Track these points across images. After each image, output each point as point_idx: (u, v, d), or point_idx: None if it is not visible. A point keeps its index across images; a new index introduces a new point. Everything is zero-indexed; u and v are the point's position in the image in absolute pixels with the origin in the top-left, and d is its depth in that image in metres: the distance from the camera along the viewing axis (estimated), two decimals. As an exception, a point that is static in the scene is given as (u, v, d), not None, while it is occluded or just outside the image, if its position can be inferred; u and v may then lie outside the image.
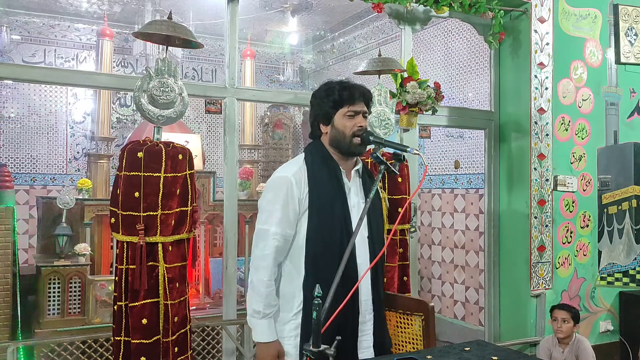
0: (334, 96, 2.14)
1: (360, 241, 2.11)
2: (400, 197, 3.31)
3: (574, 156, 4.26)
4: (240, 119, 6.07)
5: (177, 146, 2.64)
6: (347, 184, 2.17)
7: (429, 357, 1.91)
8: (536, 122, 4.09)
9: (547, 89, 4.13)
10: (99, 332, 3.77)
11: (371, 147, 2.37)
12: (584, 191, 4.31)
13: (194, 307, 4.27)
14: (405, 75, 3.58)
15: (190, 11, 5.82)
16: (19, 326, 3.91)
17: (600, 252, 4.38)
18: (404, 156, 2.13)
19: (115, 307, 2.56)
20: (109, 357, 3.61)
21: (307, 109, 2.78)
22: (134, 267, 2.50)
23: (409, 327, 2.52)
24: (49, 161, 6.50)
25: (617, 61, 4.44)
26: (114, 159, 5.53)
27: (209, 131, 7.30)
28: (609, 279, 4.41)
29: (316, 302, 1.47)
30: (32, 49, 6.41)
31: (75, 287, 4.10)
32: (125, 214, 2.50)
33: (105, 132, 5.41)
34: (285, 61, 7.37)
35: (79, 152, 6.63)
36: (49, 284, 4.03)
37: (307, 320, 2.02)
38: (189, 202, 2.64)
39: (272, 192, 2.12)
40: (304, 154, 2.21)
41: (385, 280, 2.85)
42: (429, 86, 3.58)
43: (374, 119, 3.27)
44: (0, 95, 6.27)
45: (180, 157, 2.60)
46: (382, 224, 2.32)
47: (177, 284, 2.61)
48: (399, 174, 3.27)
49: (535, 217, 4.06)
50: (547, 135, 4.13)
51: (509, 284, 4.24)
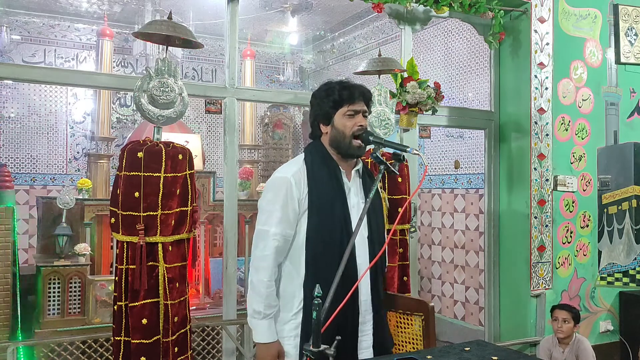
0: (334, 96, 2.14)
1: (360, 241, 2.11)
2: (400, 197, 3.31)
3: (574, 156, 4.26)
4: (240, 119, 6.07)
5: (177, 146, 2.64)
6: (347, 184, 2.16)
7: (429, 357, 1.91)
8: (536, 122, 4.09)
9: (547, 89, 4.13)
10: (99, 332, 3.77)
11: (371, 147, 2.37)
12: (584, 191, 4.31)
13: (194, 307, 4.27)
14: (405, 75, 3.57)
15: (190, 11, 5.82)
16: (19, 326, 3.91)
17: (600, 252, 4.38)
18: (404, 156, 2.13)
19: (115, 307, 2.56)
20: (109, 357, 3.61)
21: (307, 109, 2.77)
22: (134, 267, 2.50)
23: (409, 327, 2.52)
24: (49, 161, 6.50)
25: (617, 61, 4.44)
26: (114, 159, 5.53)
27: (209, 131, 7.30)
28: (609, 279, 4.41)
29: (316, 302, 1.47)
30: (32, 49, 6.41)
31: (75, 287, 4.10)
32: (125, 214, 2.50)
33: (105, 132, 5.41)
34: (285, 61, 7.37)
35: (79, 152, 6.63)
36: (49, 284, 4.03)
37: (307, 320, 2.02)
38: (189, 202, 2.64)
39: (271, 192, 2.12)
40: (304, 154, 2.21)
41: (385, 280, 2.85)
42: (429, 86, 3.58)
43: (374, 119, 3.26)
44: (0, 95, 6.27)
45: (180, 157, 2.60)
46: (383, 224, 2.31)
47: (177, 284, 2.61)
48: (399, 174, 3.27)
49: (535, 217, 4.06)
50: (547, 135, 4.13)
51: (509, 284, 4.24)
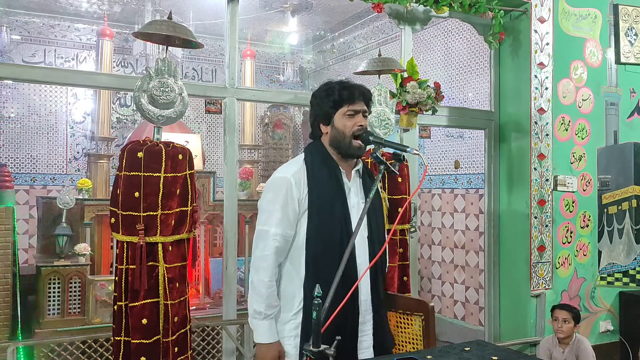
0: (334, 96, 2.14)
1: (360, 241, 2.11)
2: (400, 197, 3.31)
3: (574, 156, 4.26)
4: (240, 119, 6.07)
5: (177, 146, 2.64)
6: (347, 184, 2.16)
7: (429, 357, 1.91)
8: (536, 122, 4.09)
9: (547, 89, 4.13)
10: (99, 332, 3.77)
11: (371, 147, 2.37)
12: (584, 191, 4.31)
13: (194, 307, 4.27)
14: (405, 75, 3.57)
15: (190, 11, 5.82)
16: (19, 326, 3.91)
17: (600, 252, 4.38)
18: (404, 156, 2.13)
19: (115, 307, 2.56)
20: (109, 357, 3.61)
21: (307, 109, 2.77)
22: (134, 267, 2.50)
23: (409, 327, 2.52)
24: (49, 161, 6.50)
25: (617, 61, 4.44)
26: (114, 159, 5.53)
27: (209, 131, 7.30)
28: (609, 279, 4.41)
29: (316, 302, 1.47)
30: (32, 49, 6.41)
31: (75, 287, 4.10)
32: (125, 214, 2.50)
33: (105, 132, 5.41)
34: (285, 61, 7.37)
35: (79, 152, 6.63)
36: (49, 284, 4.03)
37: (307, 320, 2.02)
38: (189, 202, 2.64)
39: (271, 192, 2.12)
40: (304, 154, 2.21)
41: (385, 280, 2.85)
42: (429, 86, 3.58)
43: (374, 119, 3.26)
44: (0, 95, 6.27)
45: (180, 157, 2.60)
46: (383, 224, 2.31)
47: (177, 284, 2.61)
48: (399, 174, 3.27)
49: (535, 217, 4.06)
50: (547, 135, 4.13)
51: (509, 284, 4.24)
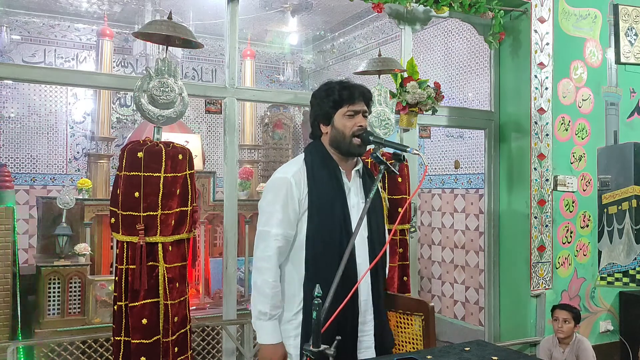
0: (334, 96, 2.14)
1: (360, 241, 2.11)
2: (400, 197, 3.31)
3: (574, 156, 4.26)
4: (240, 119, 6.07)
5: (177, 146, 2.64)
6: (347, 184, 2.16)
7: (429, 357, 1.91)
8: (536, 122, 4.09)
9: (547, 89, 4.13)
10: (99, 332, 3.76)
11: (371, 147, 2.37)
12: (584, 191, 4.31)
13: (194, 307, 4.27)
14: (405, 75, 3.57)
15: (190, 11, 5.81)
16: (19, 326, 3.91)
17: (600, 252, 4.38)
18: (404, 156, 2.13)
19: (115, 307, 2.56)
20: (109, 357, 3.61)
21: (307, 109, 2.77)
22: (134, 267, 2.50)
23: (409, 327, 2.52)
24: (49, 161, 6.50)
25: (617, 61, 4.44)
26: (114, 159, 5.53)
27: (209, 131, 7.29)
28: (609, 279, 4.41)
29: (316, 302, 1.47)
30: (32, 49, 6.41)
31: (75, 287, 4.10)
32: (125, 214, 2.50)
33: (105, 132, 5.41)
34: (285, 61, 7.37)
35: (79, 152, 6.63)
36: (49, 284, 4.03)
37: (307, 320, 2.01)
38: (189, 202, 2.64)
39: (272, 193, 2.12)
40: (304, 154, 2.21)
41: (385, 280, 2.85)
42: (429, 86, 3.58)
43: (374, 119, 3.26)
44: (0, 95, 6.27)
45: (180, 157, 2.60)
46: (383, 224, 2.31)
47: (177, 284, 2.61)
48: (399, 174, 3.27)
49: (535, 217, 4.06)
50: (547, 135, 4.13)
51: (509, 284, 4.24)
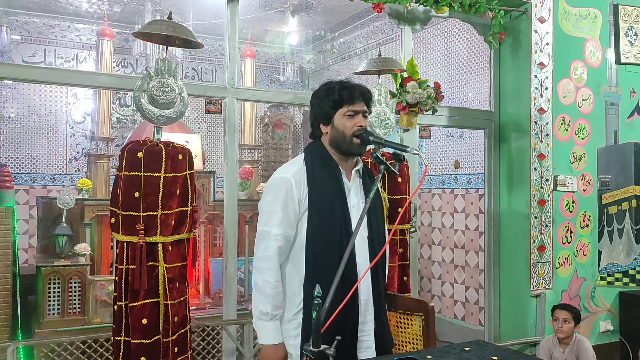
0: (334, 96, 2.14)
1: (360, 241, 2.11)
2: (400, 197, 3.31)
3: (574, 156, 4.26)
4: (240, 119, 6.07)
5: (177, 146, 2.64)
6: (347, 184, 2.16)
7: (429, 357, 1.91)
8: (536, 122, 4.09)
9: (547, 89, 4.13)
10: (99, 332, 3.76)
11: (371, 147, 2.37)
12: (584, 191, 4.31)
13: (194, 307, 4.27)
14: (405, 75, 3.57)
15: (190, 11, 5.81)
16: (19, 326, 3.91)
17: (600, 252, 4.38)
18: (404, 156, 2.13)
19: (115, 307, 2.56)
20: (109, 357, 3.61)
21: (307, 109, 2.77)
22: (134, 267, 2.50)
23: (409, 327, 2.52)
24: (49, 161, 6.50)
25: (617, 61, 4.44)
26: (114, 159, 5.53)
27: (209, 131, 7.29)
28: (609, 279, 4.41)
29: (316, 302, 1.47)
30: (32, 49, 6.41)
31: (75, 287, 4.10)
32: (125, 214, 2.50)
33: (105, 132, 5.41)
34: (285, 61, 7.37)
35: (79, 152, 6.63)
36: (49, 284, 4.03)
37: (307, 320, 2.01)
38: (189, 202, 2.64)
39: (272, 193, 2.12)
40: (304, 154, 2.21)
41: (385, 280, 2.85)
42: (429, 86, 3.58)
43: (374, 119, 3.26)
44: (0, 95, 6.27)
45: (180, 157, 2.60)
46: (383, 224, 2.31)
47: (177, 284, 2.61)
48: (399, 174, 3.27)
49: (535, 217, 4.06)
50: (547, 135, 4.13)
51: (509, 284, 4.24)
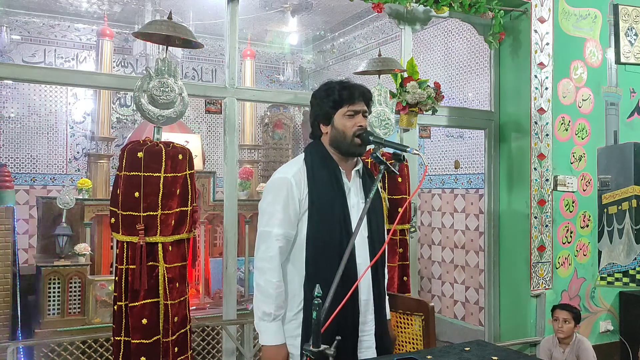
0: (334, 96, 2.14)
1: (360, 241, 2.11)
2: (400, 197, 3.31)
3: (574, 156, 4.26)
4: (240, 119, 6.07)
5: (177, 146, 2.64)
6: (347, 184, 2.16)
7: (429, 357, 1.91)
8: (536, 122, 4.09)
9: (547, 89, 4.13)
10: (99, 332, 3.77)
11: (371, 147, 2.37)
12: (584, 191, 4.31)
13: (194, 307, 4.27)
14: (405, 75, 3.57)
15: (190, 11, 5.82)
16: (19, 326, 3.92)
17: (600, 252, 4.38)
18: (404, 156, 2.12)
19: (115, 307, 2.56)
20: (109, 357, 3.61)
21: (307, 109, 2.77)
22: (134, 267, 2.50)
23: (409, 327, 2.52)
24: (49, 161, 6.50)
25: (617, 61, 4.44)
26: (114, 159, 5.53)
27: (209, 131, 7.30)
28: (609, 279, 4.41)
29: (316, 302, 1.47)
30: (32, 49, 6.41)
31: (75, 287, 4.10)
32: (125, 214, 2.50)
33: (105, 132, 5.41)
34: (285, 61, 7.37)
35: (79, 152, 6.63)
36: (49, 284, 4.03)
37: (308, 320, 2.01)
38: (189, 202, 2.64)
39: (272, 193, 2.12)
40: (304, 154, 2.21)
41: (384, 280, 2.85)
42: (429, 86, 3.58)
43: (374, 119, 3.26)
44: (0, 95, 6.27)
45: (180, 157, 2.60)
46: (383, 224, 2.31)
47: (177, 284, 2.61)
48: (399, 174, 3.27)
49: (535, 217, 4.06)
50: (547, 135, 4.13)
51: (509, 284, 4.24)
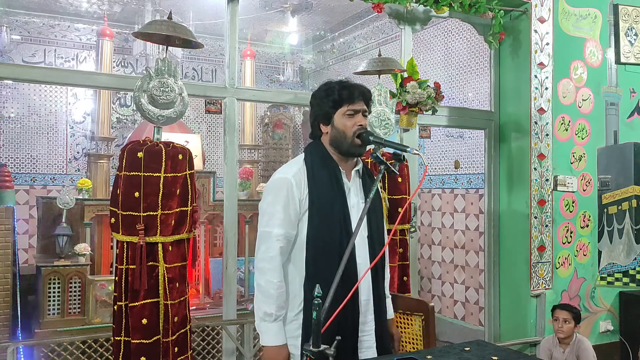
0: (334, 96, 2.14)
1: (360, 241, 2.10)
2: (400, 197, 3.31)
3: (574, 156, 4.26)
4: (240, 119, 6.07)
5: (177, 146, 2.64)
6: (346, 184, 2.16)
7: (429, 357, 1.91)
8: (536, 122, 4.09)
9: (547, 89, 4.13)
10: (99, 332, 3.77)
11: (371, 147, 2.37)
12: (584, 191, 4.31)
13: (194, 307, 4.27)
14: (405, 75, 3.57)
15: (190, 11, 5.82)
16: (19, 326, 3.92)
17: (600, 252, 4.38)
18: (404, 156, 2.12)
19: (115, 307, 2.56)
20: (109, 357, 3.61)
21: (307, 109, 2.77)
22: (134, 267, 2.50)
23: (409, 327, 2.53)
24: (49, 161, 6.51)
25: (617, 61, 4.44)
26: (114, 159, 5.53)
27: (209, 131, 7.30)
28: (609, 279, 4.41)
29: (316, 302, 1.47)
30: (32, 49, 6.41)
31: (75, 287, 4.11)
32: (125, 214, 2.50)
33: (105, 132, 5.41)
34: (285, 61, 7.37)
35: (79, 152, 6.63)
36: (49, 284, 4.03)
37: (308, 320, 2.01)
38: (189, 202, 2.64)
39: (272, 194, 2.12)
40: (304, 154, 2.21)
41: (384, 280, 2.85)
42: (429, 86, 3.58)
43: (374, 119, 3.26)
44: (0, 95, 6.27)
45: (180, 157, 2.60)
46: (383, 224, 2.31)
47: (177, 284, 2.61)
48: (399, 174, 3.27)
49: (535, 217, 4.06)
50: (547, 135, 4.13)
51: (509, 284, 4.24)
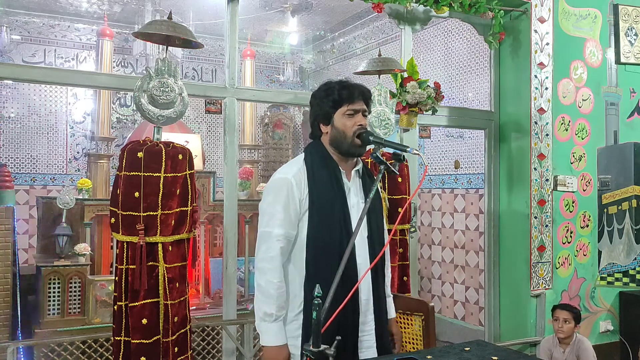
0: (334, 96, 2.14)
1: (360, 241, 2.10)
2: (400, 197, 3.31)
3: (574, 156, 4.26)
4: (240, 119, 6.07)
5: (177, 146, 2.64)
6: (346, 184, 2.16)
7: (429, 357, 1.91)
8: (536, 122, 4.09)
9: (547, 89, 4.13)
10: (99, 332, 3.77)
11: (371, 147, 2.37)
12: (584, 191, 4.31)
13: (194, 307, 4.27)
14: (405, 75, 3.57)
15: (190, 11, 5.82)
16: (19, 326, 3.92)
17: (600, 252, 4.38)
18: (404, 156, 2.12)
19: (115, 307, 2.57)
20: (109, 357, 3.61)
21: (307, 109, 2.77)
22: (134, 267, 2.50)
23: (409, 327, 2.53)
24: (49, 161, 6.51)
25: (617, 61, 4.44)
26: (114, 159, 5.53)
27: (209, 131, 7.30)
28: (609, 279, 4.41)
29: (316, 302, 1.47)
30: (32, 49, 6.41)
31: (75, 287, 4.10)
32: (125, 214, 2.51)
33: (105, 132, 5.41)
34: (285, 61, 7.37)
35: (79, 152, 6.63)
36: (49, 284, 4.03)
37: (308, 320, 2.01)
38: (189, 202, 2.64)
39: (272, 194, 2.12)
40: (304, 154, 2.21)
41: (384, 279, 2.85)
42: (429, 86, 3.58)
43: (374, 119, 3.26)
44: (0, 95, 6.27)
45: (180, 157, 2.60)
46: (383, 224, 2.31)
47: (177, 284, 2.61)
48: (399, 174, 3.27)
49: (535, 217, 4.06)
50: (547, 135, 4.13)
51: (509, 284, 4.24)
